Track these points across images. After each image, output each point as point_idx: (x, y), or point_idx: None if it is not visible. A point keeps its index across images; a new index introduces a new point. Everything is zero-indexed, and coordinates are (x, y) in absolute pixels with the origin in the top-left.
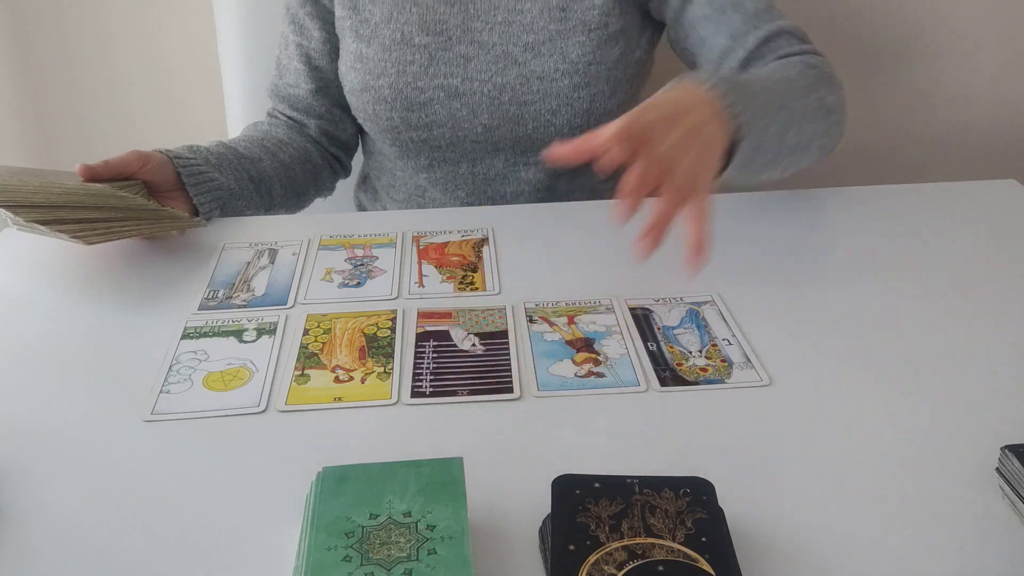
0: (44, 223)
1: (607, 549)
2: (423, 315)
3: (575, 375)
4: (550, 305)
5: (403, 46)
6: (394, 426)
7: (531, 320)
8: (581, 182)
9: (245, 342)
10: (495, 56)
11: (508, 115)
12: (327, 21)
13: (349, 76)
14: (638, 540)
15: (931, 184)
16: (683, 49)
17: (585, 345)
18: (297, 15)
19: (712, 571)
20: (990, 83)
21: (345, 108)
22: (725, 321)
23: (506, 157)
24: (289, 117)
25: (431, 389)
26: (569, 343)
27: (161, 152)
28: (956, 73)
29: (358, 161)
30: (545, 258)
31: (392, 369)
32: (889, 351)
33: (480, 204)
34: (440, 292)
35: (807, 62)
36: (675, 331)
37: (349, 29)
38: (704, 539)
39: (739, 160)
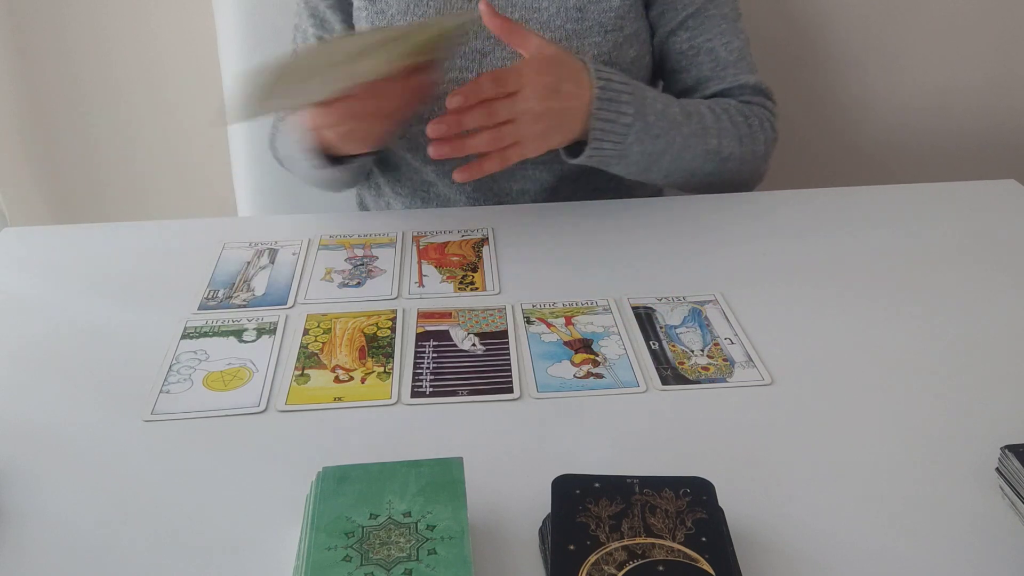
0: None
1: (607, 549)
2: (423, 315)
3: (574, 376)
4: (547, 306)
5: None
6: (394, 426)
7: (528, 321)
8: (586, 183)
9: (245, 342)
10: (510, 52)
11: None
12: (348, 12)
13: None
14: (638, 540)
15: (931, 184)
16: (659, 70)
17: (583, 346)
18: (317, 8)
19: (712, 571)
20: (990, 82)
21: None
22: (727, 320)
23: None
24: None
25: (431, 389)
26: (567, 344)
27: None
28: (956, 72)
29: None
30: (546, 258)
31: (392, 369)
32: (890, 351)
33: (486, 200)
34: (440, 292)
35: (741, 109)
36: (677, 330)
37: (365, 20)
38: (704, 539)
39: (591, 158)
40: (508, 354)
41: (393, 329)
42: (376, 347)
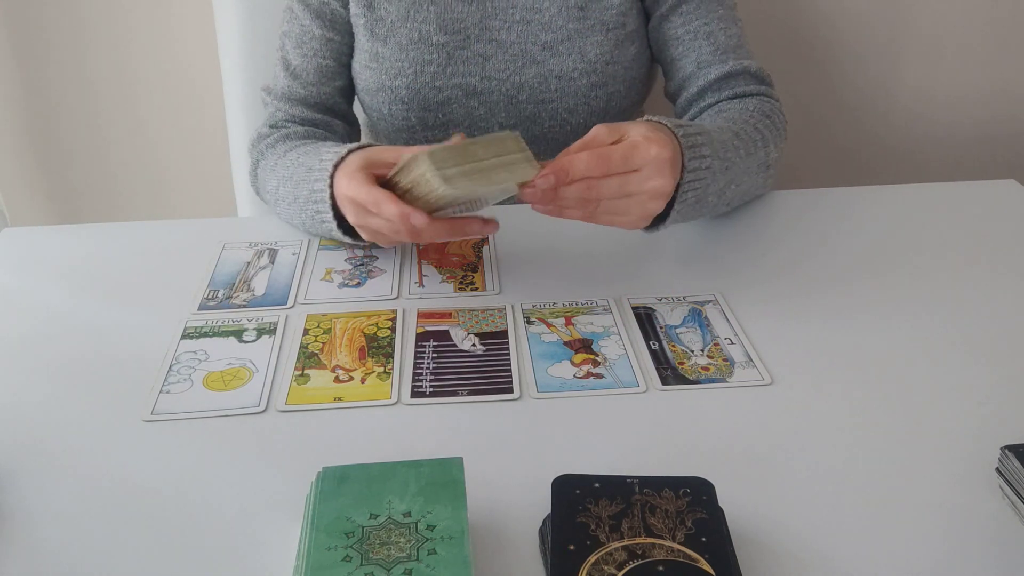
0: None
1: (607, 549)
2: (423, 315)
3: (574, 376)
4: (547, 306)
5: (420, 45)
6: (394, 426)
7: (528, 321)
8: None
9: (245, 342)
10: (513, 55)
11: (525, 114)
12: (347, 8)
13: (364, 75)
14: (638, 540)
15: (931, 184)
16: (657, 60)
17: (583, 346)
18: (322, 10)
19: (712, 571)
20: (990, 83)
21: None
22: (727, 320)
23: None
24: (311, 123)
25: (431, 389)
26: (567, 344)
27: None
28: (956, 73)
29: None
30: (546, 258)
31: (392, 369)
32: (890, 351)
33: None
34: (440, 292)
35: (763, 110)
36: (677, 330)
37: (363, 27)
38: (704, 539)
39: (676, 216)
40: (508, 354)
41: (393, 329)
42: (376, 347)
